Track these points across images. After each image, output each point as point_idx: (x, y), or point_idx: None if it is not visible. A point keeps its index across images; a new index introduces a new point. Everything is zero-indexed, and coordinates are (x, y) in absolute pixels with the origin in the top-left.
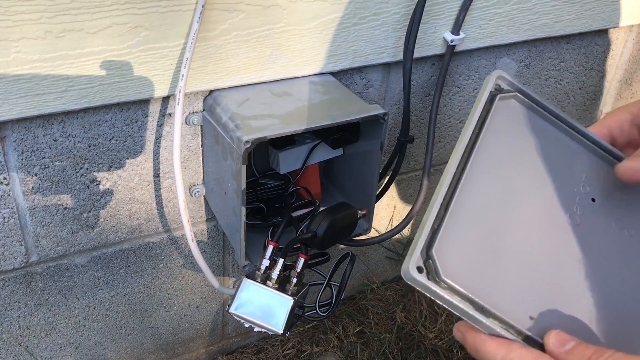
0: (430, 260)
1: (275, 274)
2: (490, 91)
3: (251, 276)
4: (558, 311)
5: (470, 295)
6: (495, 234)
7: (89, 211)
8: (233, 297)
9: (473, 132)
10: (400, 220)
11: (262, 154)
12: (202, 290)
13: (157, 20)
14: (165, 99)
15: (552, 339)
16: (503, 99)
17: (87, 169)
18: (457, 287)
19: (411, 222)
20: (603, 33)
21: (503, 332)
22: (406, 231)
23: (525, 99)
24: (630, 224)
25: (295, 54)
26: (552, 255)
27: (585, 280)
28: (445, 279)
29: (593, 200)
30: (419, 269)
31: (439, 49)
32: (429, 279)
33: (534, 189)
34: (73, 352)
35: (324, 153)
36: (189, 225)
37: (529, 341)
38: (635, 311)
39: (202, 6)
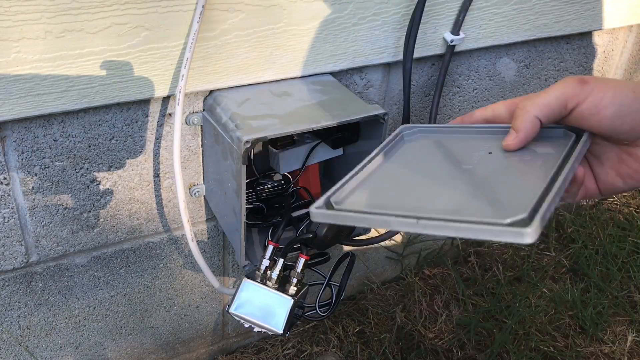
0: (329, 202)
1: (275, 274)
2: (394, 139)
3: (251, 276)
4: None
5: (360, 209)
6: (388, 187)
7: (89, 211)
8: (233, 297)
9: (380, 150)
10: None
11: (262, 154)
12: (202, 290)
13: (157, 20)
14: (166, 99)
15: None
16: (409, 136)
17: (87, 169)
18: (348, 208)
19: None
20: (603, 33)
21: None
22: None
23: (429, 130)
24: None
25: (295, 54)
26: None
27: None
28: (336, 206)
29: (490, 153)
30: (319, 207)
31: (439, 49)
32: (326, 209)
33: (437, 166)
34: (73, 352)
35: (324, 153)
36: (189, 225)
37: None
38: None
39: (202, 6)
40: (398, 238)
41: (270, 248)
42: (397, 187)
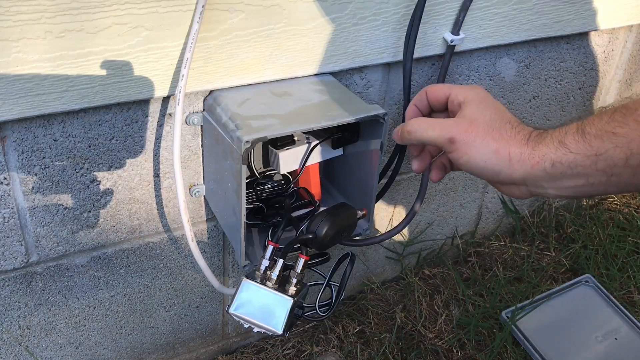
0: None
1: (274, 274)
2: None
3: (251, 276)
4: None
5: None
6: None
7: (89, 211)
8: (232, 297)
9: None
10: (400, 220)
11: (262, 154)
12: (202, 290)
13: (157, 20)
14: (166, 99)
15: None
16: None
17: (87, 169)
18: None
19: (411, 222)
20: (603, 33)
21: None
22: (406, 231)
23: None
24: None
25: (295, 54)
26: None
27: None
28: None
29: None
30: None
31: (439, 49)
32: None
33: None
34: (73, 352)
35: (324, 153)
36: (189, 225)
37: None
38: None
39: (202, 6)
40: (398, 237)
41: (270, 248)
42: None
